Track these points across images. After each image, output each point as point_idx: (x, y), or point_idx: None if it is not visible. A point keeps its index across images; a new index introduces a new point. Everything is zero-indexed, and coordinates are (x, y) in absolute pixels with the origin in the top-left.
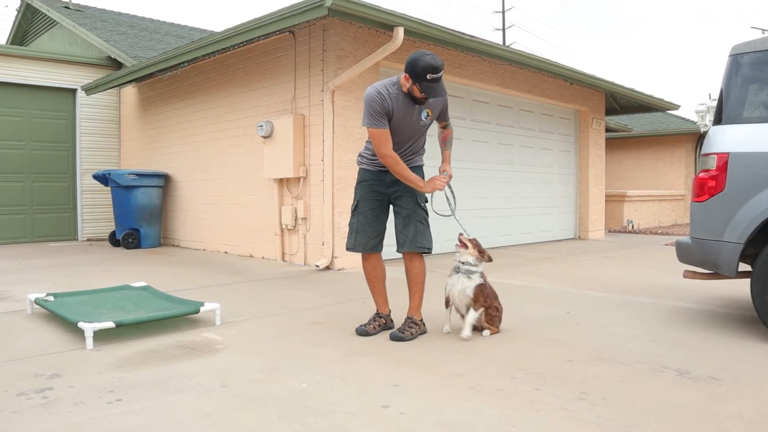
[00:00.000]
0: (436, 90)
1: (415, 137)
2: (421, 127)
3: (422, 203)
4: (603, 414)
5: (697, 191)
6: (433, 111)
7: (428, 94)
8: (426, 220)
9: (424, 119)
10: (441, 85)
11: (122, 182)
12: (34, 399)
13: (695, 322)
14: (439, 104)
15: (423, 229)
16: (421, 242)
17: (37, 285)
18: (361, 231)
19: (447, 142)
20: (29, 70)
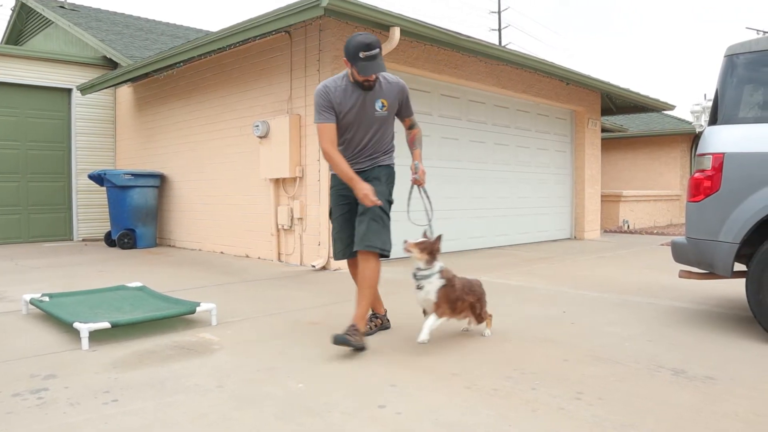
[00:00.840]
0: (370, 68)
1: (374, 132)
2: (377, 119)
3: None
4: (600, 414)
5: (693, 191)
6: (389, 101)
7: (363, 72)
8: (382, 218)
9: (379, 110)
10: (377, 63)
11: (118, 182)
12: (29, 400)
13: (691, 322)
14: (394, 93)
15: (376, 228)
16: (371, 241)
17: (33, 285)
18: (337, 239)
19: (415, 142)
20: (24, 69)
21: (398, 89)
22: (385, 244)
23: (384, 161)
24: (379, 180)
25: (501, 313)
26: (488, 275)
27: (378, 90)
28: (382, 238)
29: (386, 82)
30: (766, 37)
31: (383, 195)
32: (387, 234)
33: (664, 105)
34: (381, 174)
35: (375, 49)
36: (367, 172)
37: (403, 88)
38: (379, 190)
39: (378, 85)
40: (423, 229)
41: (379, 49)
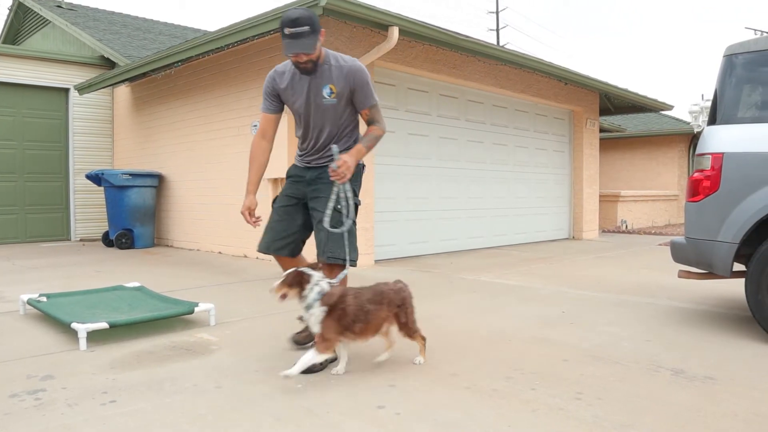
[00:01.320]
0: (292, 45)
1: (327, 122)
2: (327, 108)
3: (340, 206)
4: (599, 414)
5: (692, 191)
6: (338, 87)
7: (285, 50)
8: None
9: (327, 96)
10: (302, 41)
11: (115, 182)
12: (27, 400)
13: (690, 322)
14: (348, 76)
15: (338, 237)
16: (332, 251)
17: (30, 285)
18: (269, 229)
19: (364, 138)
20: (21, 69)
21: (347, 72)
22: (349, 254)
23: None
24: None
25: (500, 314)
26: (486, 275)
27: (326, 74)
28: (344, 248)
29: (337, 65)
30: (765, 37)
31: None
32: (353, 242)
33: (662, 105)
34: None
35: (302, 26)
36: (325, 170)
37: (355, 71)
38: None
39: (327, 68)
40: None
41: (309, 27)
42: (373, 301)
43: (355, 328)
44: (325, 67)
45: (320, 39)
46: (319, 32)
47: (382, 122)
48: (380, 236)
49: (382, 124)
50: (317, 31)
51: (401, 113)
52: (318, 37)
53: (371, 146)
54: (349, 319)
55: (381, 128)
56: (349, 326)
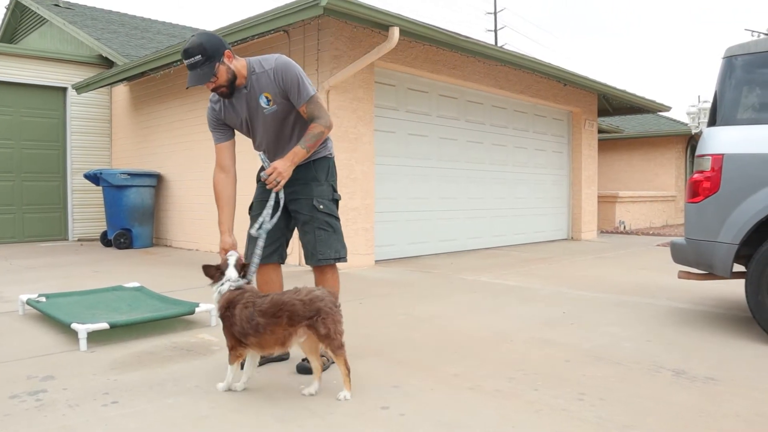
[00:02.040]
0: (189, 78)
1: (281, 129)
2: (269, 115)
3: (322, 206)
4: (602, 414)
5: (692, 192)
6: (272, 93)
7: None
8: (330, 224)
9: (265, 105)
10: (196, 71)
11: (114, 182)
12: (27, 401)
13: (690, 322)
14: (277, 80)
15: (326, 237)
16: (323, 252)
17: (29, 285)
18: (250, 239)
19: (304, 137)
20: (19, 68)
21: (274, 73)
22: (338, 252)
23: (318, 154)
24: (317, 180)
25: (500, 314)
26: (486, 275)
27: (256, 84)
28: (333, 246)
29: (263, 71)
30: (765, 38)
31: (326, 196)
32: (337, 239)
33: (659, 106)
34: (318, 172)
35: (193, 56)
36: (300, 170)
37: (280, 70)
38: (319, 192)
39: (255, 78)
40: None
41: (201, 55)
42: (267, 313)
43: (248, 340)
44: (253, 77)
45: (225, 62)
46: (216, 58)
47: (324, 117)
48: (380, 236)
49: (324, 119)
50: (213, 58)
51: (401, 113)
52: (214, 63)
53: (312, 145)
54: (237, 329)
55: (322, 124)
56: (241, 336)
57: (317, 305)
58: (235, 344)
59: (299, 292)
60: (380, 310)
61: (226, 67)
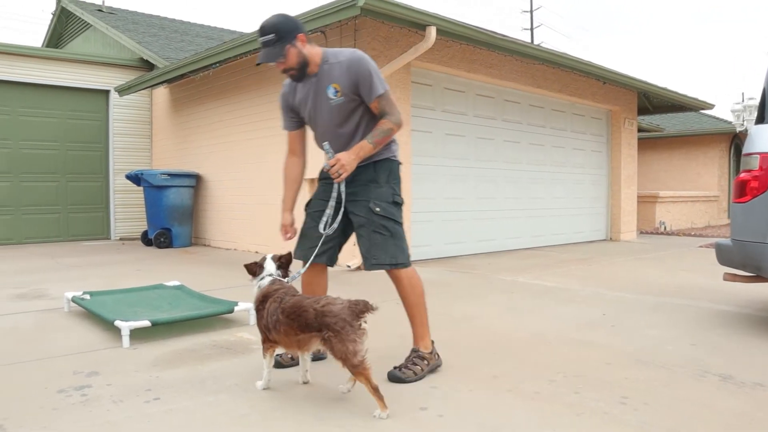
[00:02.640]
0: (260, 55)
1: (344, 124)
2: (335, 108)
3: (379, 208)
4: (646, 419)
5: (739, 192)
6: (341, 83)
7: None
8: (387, 227)
9: (333, 96)
10: (267, 50)
11: (154, 182)
12: (73, 396)
13: (735, 326)
14: (343, 72)
15: (381, 241)
16: (377, 257)
17: (73, 283)
18: (303, 236)
19: (372, 133)
20: (64, 72)
21: (347, 65)
22: (394, 257)
23: (381, 155)
24: (376, 182)
25: (539, 315)
26: (524, 276)
27: (327, 74)
28: (389, 251)
29: (336, 61)
30: None
31: (384, 198)
32: (394, 243)
33: (702, 104)
34: (378, 173)
35: (266, 34)
36: (360, 171)
37: (354, 62)
38: (377, 194)
39: (328, 68)
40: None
41: (275, 35)
42: (286, 313)
43: (271, 336)
44: (325, 67)
45: (297, 45)
46: (287, 39)
47: (396, 115)
48: (417, 237)
49: (395, 116)
50: (285, 38)
51: (438, 113)
52: (285, 44)
53: (380, 141)
54: (263, 322)
55: (392, 121)
56: (266, 330)
57: (326, 320)
58: (265, 338)
59: (321, 300)
60: None
61: (297, 51)
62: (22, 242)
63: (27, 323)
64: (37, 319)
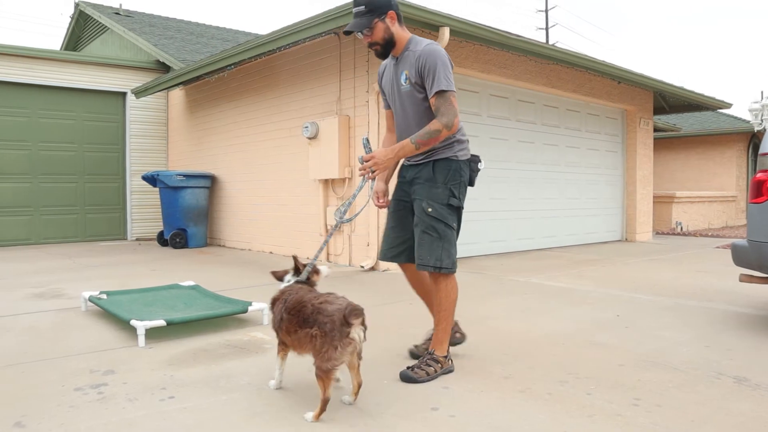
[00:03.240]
0: (350, 24)
1: (409, 112)
2: (404, 95)
3: (431, 209)
4: (659, 421)
5: (756, 192)
6: (412, 71)
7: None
8: (436, 229)
9: (403, 83)
10: (356, 20)
11: (170, 183)
12: (90, 394)
13: (751, 328)
14: (414, 62)
15: (428, 242)
16: (422, 257)
17: (90, 283)
18: (386, 236)
19: (418, 132)
20: (82, 74)
21: (419, 55)
22: (440, 260)
23: (441, 154)
24: (432, 182)
25: (551, 316)
26: (537, 277)
27: (405, 60)
28: (435, 253)
29: (413, 50)
30: None
31: (438, 199)
32: (441, 246)
33: (719, 103)
34: (437, 172)
35: (358, 5)
36: (421, 169)
37: (424, 54)
38: (433, 195)
39: (407, 55)
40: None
41: (365, 6)
42: (289, 309)
43: (280, 335)
44: (405, 53)
45: (386, 20)
46: (376, 13)
47: (447, 115)
48: None
49: (447, 118)
50: (374, 12)
51: None
52: (374, 17)
53: (423, 142)
54: (275, 320)
55: (442, 122)
56: (277, 331)
57: (318, 318)
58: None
59: (321, 297)
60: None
61: (385, 26)
62: (41, 242)
63: (45, 322)
64: (54, 318)
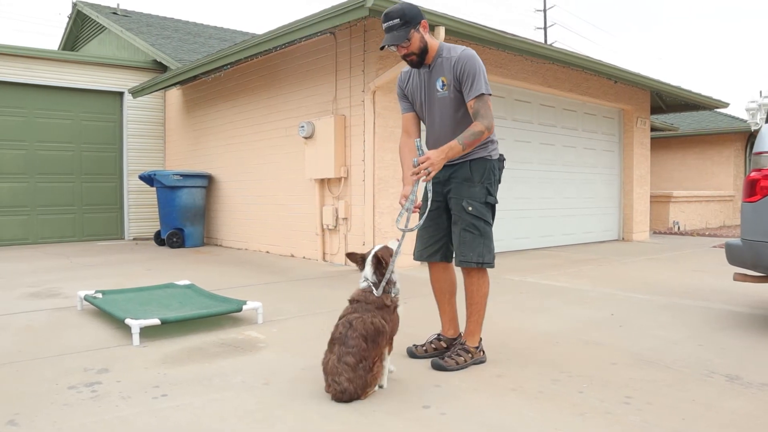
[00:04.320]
0: (385, 39)
1: (445, 117)
2: (440, 100)
3: (471, 207)
4: (649, 419)
5: (749, 191)
6: (450, 78)
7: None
8: (477, 227)
9: (440, 89)
10: (392, 33)
11: (167, 183)
12: (84, 392)
13: (745, 327)
14: (454, 67)
15: (470, 239)
16: (464, 254)
17: (86, 282)
18: (419, 236)
19: (463, 134)
20: (79, 74)
21: (455, 61)
22: (481, 256)
23: (476, 154)
24: (470, 181)
25: (547, 315)
26: (533, 276)
27: (439, 67)
28: (477, 249)
29: (448, 56)
30: None
31: (477, 198)
32: (483, 243)
33: (717, 103)
34: (474, 172)
35: (392, 19)
36: (456, 169)
37: (461, 60)
38: (471, 194)
39: (440, 61)
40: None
41: (399, 19)
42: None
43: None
44: (439, 60)
45: (420, 30)
46: (412, 24)
47: (487, 118)
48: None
49: (488, 120)
50: (409, 23)
51: None
52: (410, 29)
53: (469, 143)
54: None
55: (484, 124)
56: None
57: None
58: None
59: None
60: (425, 309)
61: (420, 36)
62: (38, 242)
63: (40, 321)
64: (50, 317)
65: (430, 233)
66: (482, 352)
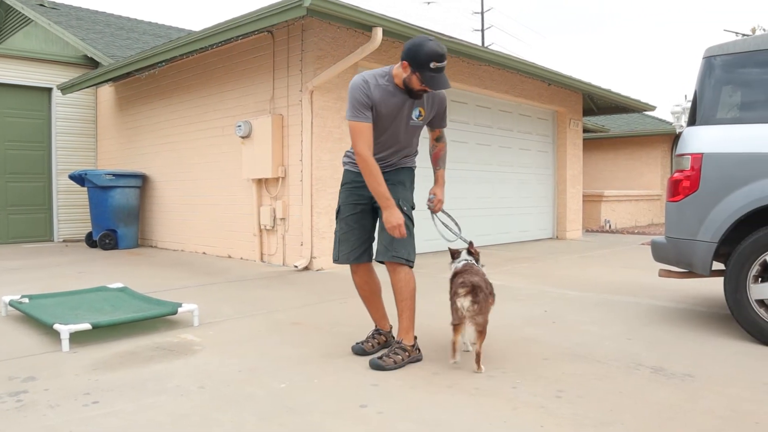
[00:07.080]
0: (438, 81)
1: (405, 138)
2: (411, 128)
3: (405, 208)
4: (580, 411)
5: (672, 191)
6: (427, 111)
7: (430, 85)
8: (408, 227)
9: (415, 119)
10: (444, 76)
11: (99, 182)
12: (8, 402)
13: (671, 321)
14: (437, 103)
15: (405, 237)
16: (397, 251)
17: (12, 287)
18: (343, 240)
19: (440, 160)
20: (3, 68)
21: (439, 100)
22: (410, 255)
23: (407, 163)
24: (404, 185)
25: None
26: None
27: (421, 99)
28: (407, 248)
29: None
30: (743, 39)
31: (408, 201)
32: (411, 243)
33: (644, 106)
34: (406, 178)
35: (445, 60)
36: (390, 174)
37: (443, 99)
38: (404, 195)
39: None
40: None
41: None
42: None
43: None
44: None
45: None
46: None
47: (445, 136)
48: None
49: (445, 138)
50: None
51: None
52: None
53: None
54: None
55: (446, 143)
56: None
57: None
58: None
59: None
60: (363, 310)
61: None
62: None
63: None
64: None
65: (357, 235)
66: (418, 350)
